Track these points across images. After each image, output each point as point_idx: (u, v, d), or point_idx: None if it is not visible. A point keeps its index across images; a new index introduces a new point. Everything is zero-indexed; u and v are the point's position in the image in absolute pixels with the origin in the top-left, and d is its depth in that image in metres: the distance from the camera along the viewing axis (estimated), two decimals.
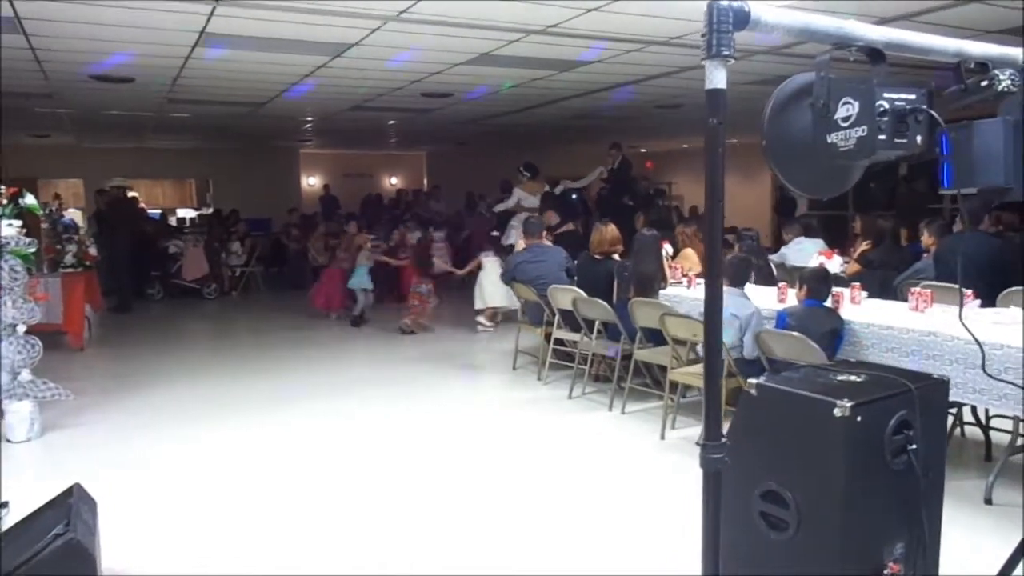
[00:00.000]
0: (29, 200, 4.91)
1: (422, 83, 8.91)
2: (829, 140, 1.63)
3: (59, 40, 6.29)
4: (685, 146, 20.81)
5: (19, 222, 4.80)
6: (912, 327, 4.10)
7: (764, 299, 4.90)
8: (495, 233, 10.30)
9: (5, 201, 4.74)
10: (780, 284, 5.10)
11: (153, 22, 5.72)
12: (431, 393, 6.42)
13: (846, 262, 6.01)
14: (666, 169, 20.64)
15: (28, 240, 4.92)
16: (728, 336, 4.45)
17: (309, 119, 12.92)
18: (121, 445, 5.07)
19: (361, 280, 9.52)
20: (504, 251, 9.16)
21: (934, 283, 5.05)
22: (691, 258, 6.51)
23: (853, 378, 2.24)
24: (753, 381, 2.27)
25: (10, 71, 7.57)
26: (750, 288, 4.87)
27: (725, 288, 4.67)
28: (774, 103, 1.74)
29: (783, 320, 4.34)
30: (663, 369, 5.68)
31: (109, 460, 4.77)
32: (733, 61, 1.47)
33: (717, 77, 1.49)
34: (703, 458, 1.59)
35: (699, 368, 4.88)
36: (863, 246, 6.63)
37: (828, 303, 4.46)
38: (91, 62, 7.18)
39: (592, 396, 6.00)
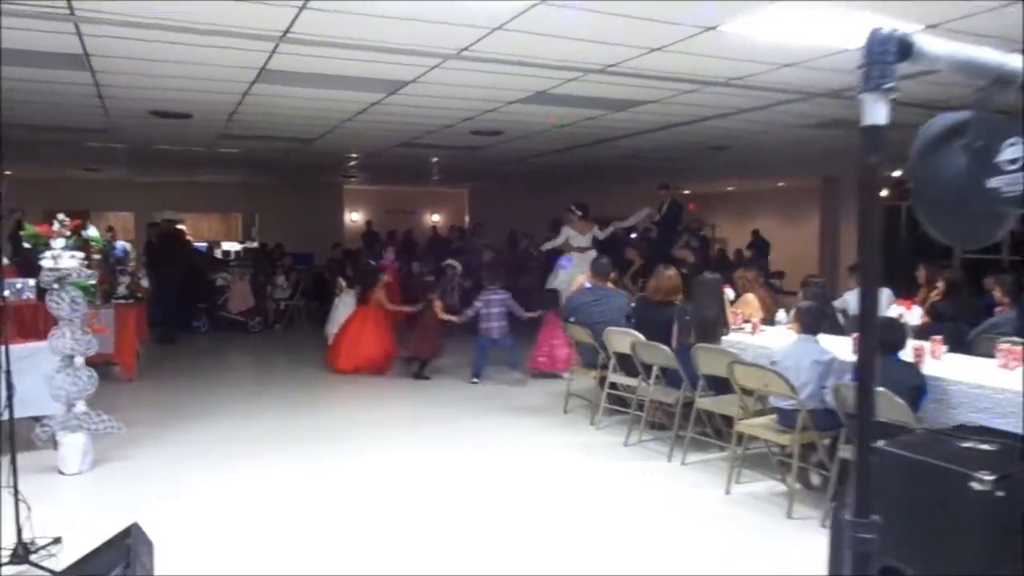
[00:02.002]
0: (92, 232, 4.92)
1: (474, 121, 8.91)
2: (989, 185, 1.48)
3: (122, 76, 6.38)
4: (730, 188, 20.63)
5: (82, 254, 4.80)
6: (1005, 386, 3.85)
7: (837, 350, 4.67)
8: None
9: (69, 233, 4.74)
10: (855, 334, 4.86)
11: (216, 59, 5.77)
12: (479, 434, 6.27)
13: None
14: (709, 212, 20.44)
15: (89, 272, 4.91)
16: (809, 386, 4.25)
17: (355, 155, 13.03)
18: (171, 480, 5.00)
19: None
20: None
21: (1016, 339, 4.77)
22: (752, 303, 6.30)
23: (984, 446, 2.04)
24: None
25: (72, 107, 7.73)
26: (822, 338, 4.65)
27: (799, 336, 4.48)
28: (919, 146, 1.59)
29: None
30: (725, 419, 5.46)
31: (160, 494, 4.71)
32: (896, 95, 1.33)
33: (876, 112, 1.35)
34: (852, 538, 1.41)
35: (768, 419, 4.66)
36: (933, 296, 6.36)
37: (909, 357, 4.23)
38: (152, 97, 7.28)
39: (649, 444, 5.78)
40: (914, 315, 4.85)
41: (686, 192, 20.36)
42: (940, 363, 4.44)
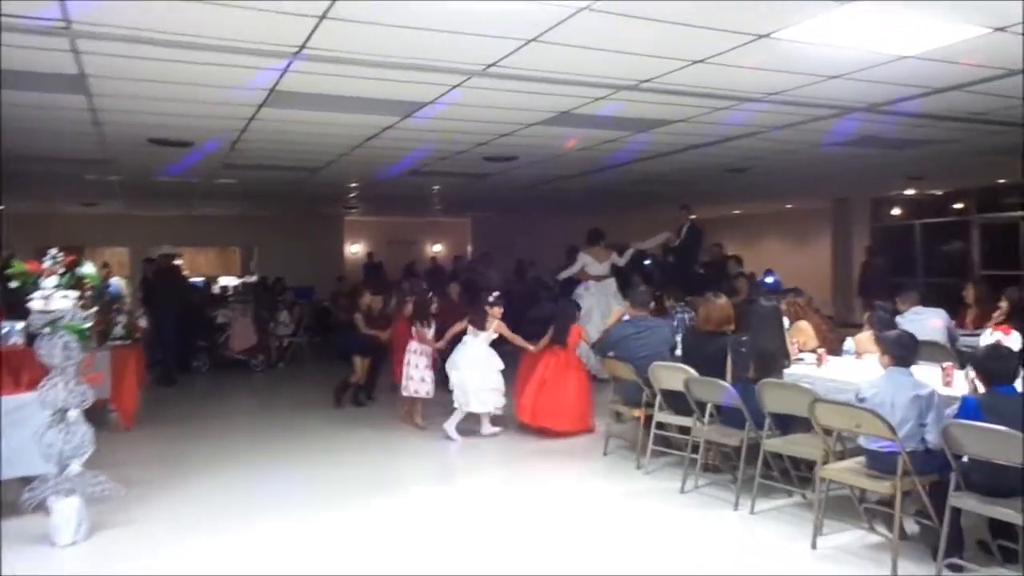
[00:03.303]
0: (88, 269, 4.39)
1: (488, 146, 8.50)
2: None
3: (121, 99, 5.93)
4: (736, 212, 20.26)
5: (76, 293, 4.27)
6: None
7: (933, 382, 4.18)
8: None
9: (62, 270, 4.22)
10: (945, 364, 4.39)
11: (222, 79, 5.34)
12: (517, 480, 5.75)
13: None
14: (715, 237, 19.99)
15: (84, 314, 4.38)
16: (907, 424, 3.75)
17: (357, 185, 12.60)
18: (177, 546, 4.43)
19: None
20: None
21: None
22: (806, 331, 5.80)
23: None
24: None
25: (67, 134, 7.28)
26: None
27: (891, 368, 4.00)
28: None
29: (972, 409, 3.61)
30: (792, 460, 4.95)
31: (165, 566, 4.14)
32: None
33: None
34: None
35: (854, 463, 4.15)
36: (997, 317, 5.90)
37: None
38: (151, 123, 6.84)
39: (707, 490, 5.23)
40: (1014, 340, 4.38)
41: (692, 217, 19.97)
42: None
